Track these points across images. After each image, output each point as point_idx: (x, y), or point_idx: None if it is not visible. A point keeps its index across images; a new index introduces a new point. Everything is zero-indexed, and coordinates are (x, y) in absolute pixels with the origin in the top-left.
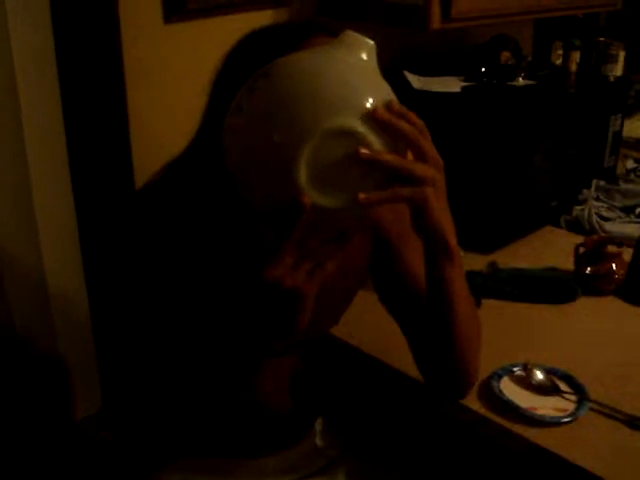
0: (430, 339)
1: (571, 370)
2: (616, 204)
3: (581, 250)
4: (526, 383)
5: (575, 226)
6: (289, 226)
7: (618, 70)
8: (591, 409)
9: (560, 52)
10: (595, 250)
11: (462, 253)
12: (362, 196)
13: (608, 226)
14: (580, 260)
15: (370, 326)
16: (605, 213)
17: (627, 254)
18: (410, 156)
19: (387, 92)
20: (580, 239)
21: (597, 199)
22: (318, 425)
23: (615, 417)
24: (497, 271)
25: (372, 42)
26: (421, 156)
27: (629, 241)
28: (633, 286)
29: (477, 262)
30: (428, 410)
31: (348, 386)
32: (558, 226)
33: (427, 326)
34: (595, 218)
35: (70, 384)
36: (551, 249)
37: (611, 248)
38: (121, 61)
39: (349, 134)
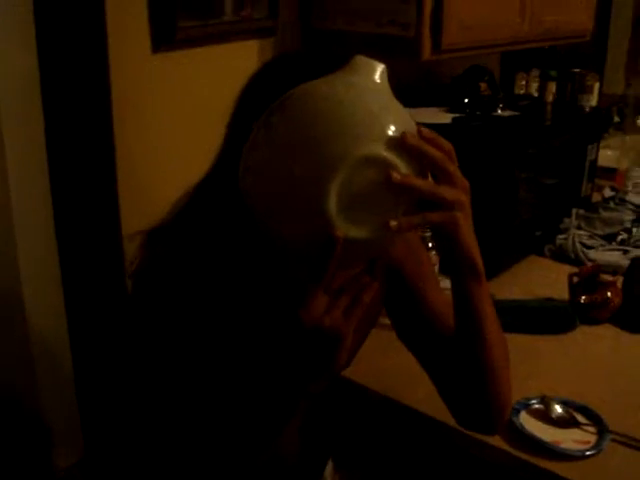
0: (458, 372)
1: (584, 401)
2: (597, 232)
3: (575, 279)
4: (545, 416)
5: (559, 255)
6: (322, 262)
7: (593, 100)
8: (612, 440)
9: (523, 83)
10: (589, 279)
11: (448, 281)
12: (393, 223)
13: (592, 254)
14: (575, 289)
15: (373, 363)
16: (587, 241)
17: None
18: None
19: (407, 116)
20: (565, 268)
21: (578, 228)
22: (329, 467)
23: (637, 447)
24: (495, 303)
25: (383, 65)
26: (449, 180)
27: (616, 269)
28: (629, 314)
29: None
30: (445, 448)
31: (356, 425)
32: (542, 255)
33: (455, 358)
34: (579, 247)
35: (52, 434)
36: (539, 279)
37: (605, 276)
38: (108, 93)
39: (378, 161)
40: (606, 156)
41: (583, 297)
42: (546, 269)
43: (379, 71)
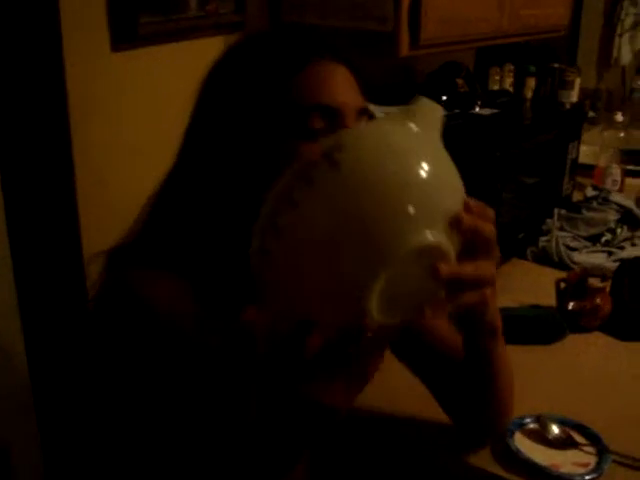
0: (462, 392)
1: (579, 417)
2: (581, 233)
3: (562, 285)
4: (541, 437)
5: (542, 257)
6: (343, 344)
7: (574, 96)
8: (613, 461)
9: (497, 77)
10: (577, 285)
11: None
12: (429, 313)
13: (577, 257)
14: (562, 296)
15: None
16: (571, 243)
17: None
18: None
19: (456, 176)
20: (549, 271)
21: (561, 229)
22: None
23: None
24: None
25: (442, 110)
26: (489, 253)
27: (601, 271)
28: (620, 321)
29: None
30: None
31: (354, 455)
32: (524, 258)
33: (460, 381)
34: (563, 249)
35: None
36: (524, 284)
37: (593, 281)
38: (64, 97)
39: (431, 251)
40: (582, 152)
41: (571, 304)
42: (530, 273)
43: (440, 120)
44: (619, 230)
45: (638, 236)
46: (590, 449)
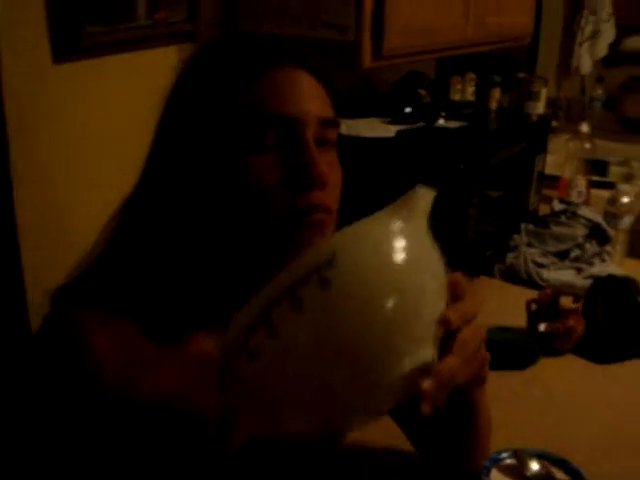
0: (442, 439)
1: (557, 448)
2: (549, 249)
3: (534, 307)
4: (519, 474)
5: (510, 275)
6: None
7: (540, 108)
8: None
9: (459, 87)
10: (549, 305)
11: None
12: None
13: (546, 274)
14: (534, 317)
15: None
16: (539, 259)
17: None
18: None
19: (444, 273)
20: (518, 290)
21: (529, 245)
22: None
23: None
24: None
25: (433, 194)
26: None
27: (571, 289)
28: (594, 343)
29: None
30: None
31: None
32: (491, 276)
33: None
34: (532, 266)
35: None
36: (492, 303)
37: (565, 302)
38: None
39: (424, 365)
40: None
41: (543, 326)
42: (498, 292)
43: (430, 204)
44: (588, 245)
45: (607, 251)
46: None
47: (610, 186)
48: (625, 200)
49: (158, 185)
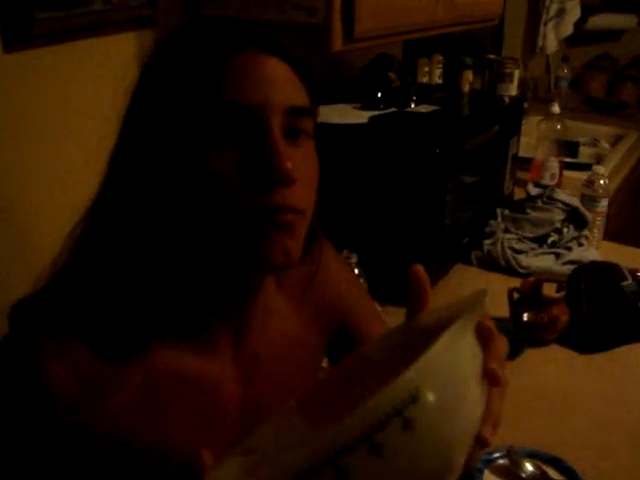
0: None
1: (547, 444)
2: (527, 234)
3: (516, 296)
4: (512, 475)
5: (488, 262)
6: None
7: (513, 89)
8: None
9: (426, 69)
10: (532, 294)
11: (380, 308)
12: None
13: (524, 261)
14: (516, 307)
15: None
16: (516, 245)
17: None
18: None
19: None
20: (496, 277)
21: (506, 231)
22: None
23: None
24: None
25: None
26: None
27: (550, 276)
28: (578, 332)
29: (398, 315)
30: None
31: None
32: (469, 264)
33: None
34: (510, 253)
35: None
36: (468, 291)
37: (547, 289)
38: None
39: None
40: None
41: (526, 315)
42: (477, 281)
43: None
44: (565, 230)
45: (585, 235)
46: None
47: (581, 167)
48: (602, 182)
49: (122, 186)
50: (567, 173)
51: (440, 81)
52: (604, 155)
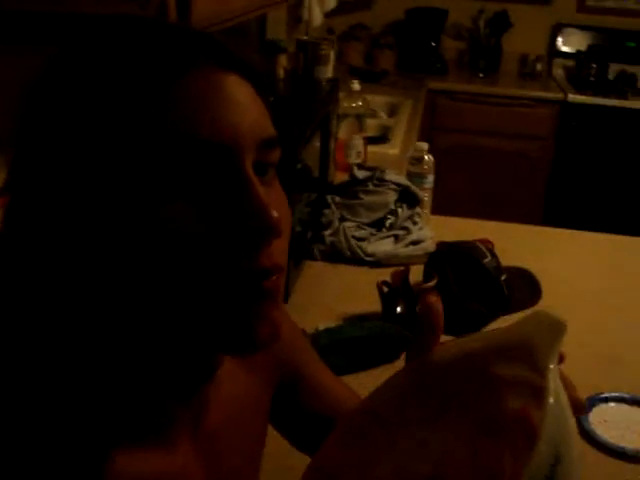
0: None
1: None
2: (363, 220)
3: (385, 289)
4: None
5: (332, 255)
6: None
7: (329, 72)
8: None
9: None
10: (402, 285)
11: None
12: None
13: (369, 248)
14: (388, 300)
15: None
16: (357, 233)
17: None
18: None
19: None
20: (346, 269)
21: (342, 219)
22: None
23: None
24: (317, 338)
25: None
26: None
27: (395, 260)
28: (452, 316)
29: None
30: None
31: None
32: (313, 258)
33: None
34: (354, 242)
35: None
36: (329, 291)
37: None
38: None
39: None
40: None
41: (400, 308)
42: (325, 275)
43: None
44: (400, 210)
45: (417, 213)
46: None
47: (373, 142)
48: (427, 158)
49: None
50: (372, 148)
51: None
52: (389, 126)
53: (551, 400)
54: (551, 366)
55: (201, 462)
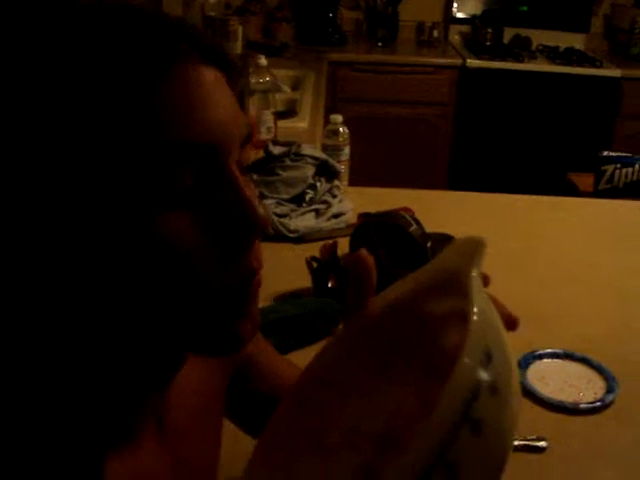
0: None
1: None
2: (283, 196)
3: (314, 265)
4: None
5: None
6: None
7: (238, 48)
8: None
9: None
10: (331, 259)
11: None
12: None
13: (292, 224)
14: (318, 276)
15: None
16: (277, 210)
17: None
18: None
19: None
20: (271, 247)
21: (262, 196)
22: None
23: None
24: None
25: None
26: None
27: (318, 235)
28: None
29: None
30: None
31: None
32: None
33: None
34: (276, 219)
35: None
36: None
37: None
38: None
39: None
40: None
41: (331, 282)
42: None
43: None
44: (319, 184)
45: (336, 186)
46: None
47: (284, 115)
48: (342, 130)
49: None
50: (281, 123)
51: None
52: (295, 100)
53: (475, 309)
54: (473, 274)
55: (166, 458)
